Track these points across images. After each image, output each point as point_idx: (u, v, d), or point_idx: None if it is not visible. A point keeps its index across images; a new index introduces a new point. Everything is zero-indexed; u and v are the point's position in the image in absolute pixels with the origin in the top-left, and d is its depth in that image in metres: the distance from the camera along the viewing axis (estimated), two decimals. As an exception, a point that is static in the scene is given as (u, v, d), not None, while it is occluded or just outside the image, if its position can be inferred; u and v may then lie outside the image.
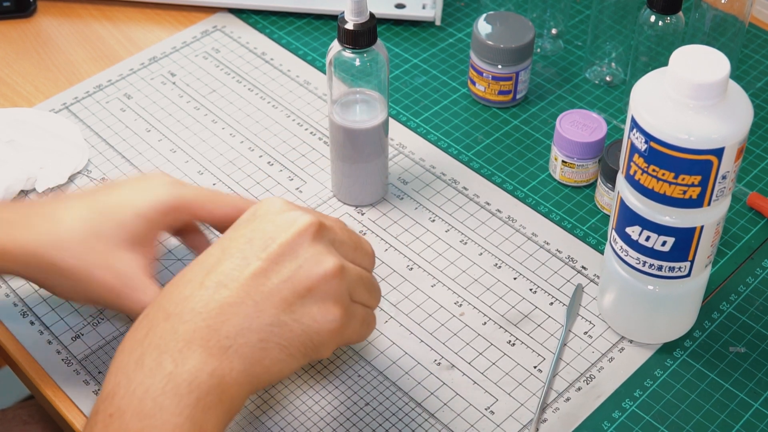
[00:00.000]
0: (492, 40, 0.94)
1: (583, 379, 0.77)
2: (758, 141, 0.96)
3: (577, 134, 0.88)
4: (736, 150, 0.66)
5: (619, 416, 0.75)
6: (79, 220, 0.69)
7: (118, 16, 1.09)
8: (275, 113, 0.98)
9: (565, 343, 0.80)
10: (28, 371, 0.78)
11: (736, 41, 0.94)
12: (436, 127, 0.97)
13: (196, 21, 1.08)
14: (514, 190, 0.91)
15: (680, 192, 0.67)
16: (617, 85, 1.01)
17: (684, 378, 0.77)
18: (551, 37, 1.05)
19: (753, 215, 0.89)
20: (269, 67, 1.03)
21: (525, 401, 0.76)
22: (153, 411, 0.57)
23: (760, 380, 0.77)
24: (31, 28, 1.08)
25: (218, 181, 0.92)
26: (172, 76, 1.02)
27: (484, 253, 0.86)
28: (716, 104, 0.65)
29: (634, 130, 0.68)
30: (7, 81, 1.02)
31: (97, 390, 0.76)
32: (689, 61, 0.65)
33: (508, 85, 0.96)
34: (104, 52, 1.05)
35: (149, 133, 0.96)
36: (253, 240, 0.63)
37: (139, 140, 0.95)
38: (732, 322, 0.81)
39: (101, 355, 0.79)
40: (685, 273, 0.73)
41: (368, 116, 0.85)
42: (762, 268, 0.85)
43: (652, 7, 0.89)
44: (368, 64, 0.81)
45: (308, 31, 1.07)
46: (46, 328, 0.80)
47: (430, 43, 1.06)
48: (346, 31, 0.79)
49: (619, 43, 0.99)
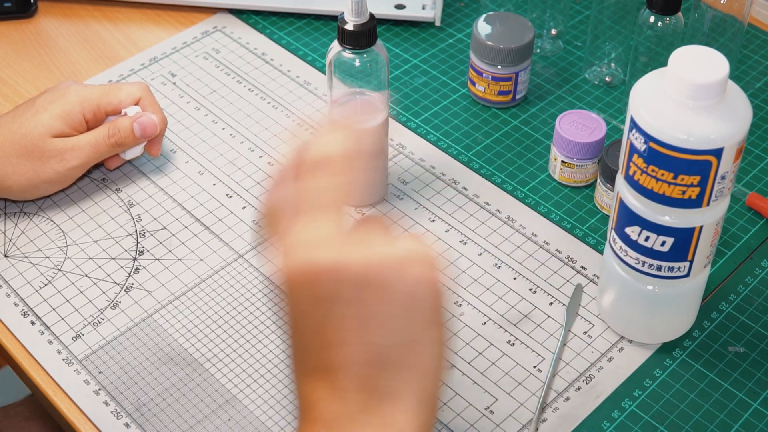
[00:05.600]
0: (492, 41, 0.94)
1: (583, 378, 0.77)
2: (757, 141, 0.96)
3: (576, 134, 0.88)
4: (735, 150, 0.66)
5: (618, 416, 0.75)
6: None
7: (118, 16, 1.09)
8: (275, 113, 0.98)
9: (565, 342, 0.80)
10: (29, 371, 0.78)
11: (735, 41, 0.94)
12: (435, 127, 0.97)
13: (196, 21, 1.09)
14: (514, 190, 0.91)
15: (679, 192, 0.68)
16: (617, 86, 1.01)
17: (683, 378, 0.77)
18: (551, 38, 1.05)
19: (752, 215, 0.89)
20: (269, 68, 1.03)
21: (525, 401, 0.76)
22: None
23: (759, 380, 0.77)
24: (31, 29, 1.08)
25: (218, 181, 0.92)
26: (172, 77, 1.02)
27: (484, 253, 0.86)
28: (715, 104, 0.65)
29: (633, 130, 0.68)
30: (8, 81, 1.02)
31: (97, 390, 0.76)
32: (688, 61, 0.65)
33: (507, 85, 0.96)
34: (105, 52, 1.05)
35: (149, 133, 0.96)
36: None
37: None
38: (731, 322, 0.81)
39: (101, 355, 0.79)
40: (684, 273, 0.73)
41: (368, 116, 0.85)
42: (761, 268, 0.85)
43: (652, 7, 0.89)
44: (368, 65, 0.81)
45: (308, 32, 1.08)
46: (47, 328, 0.80)
47: (429, 43, 1.06)
48: (346, 31, 0.79)
49: (618, 44, 0.99)
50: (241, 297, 0.83)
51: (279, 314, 0.62)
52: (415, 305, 0.55)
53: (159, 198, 0.90)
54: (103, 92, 0.88)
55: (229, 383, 0.77)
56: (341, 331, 0.54)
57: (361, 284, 0.54)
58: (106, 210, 0.89)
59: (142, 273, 0.84)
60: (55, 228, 0.88)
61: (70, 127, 0.86)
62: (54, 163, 0.85)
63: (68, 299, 0.82)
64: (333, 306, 0.54)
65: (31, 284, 0.83)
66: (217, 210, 0.89)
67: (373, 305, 0.54)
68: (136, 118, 0.88)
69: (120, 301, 0.82)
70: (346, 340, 0.54)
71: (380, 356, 0.55)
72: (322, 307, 0.54)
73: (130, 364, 0.78)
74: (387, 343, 0.55)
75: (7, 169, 0.84)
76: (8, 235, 0.87)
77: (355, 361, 0.54)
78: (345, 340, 0.54)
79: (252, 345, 0.79)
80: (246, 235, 0.87)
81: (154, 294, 0.83)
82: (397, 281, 0.54)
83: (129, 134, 0.87)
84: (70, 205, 0.89)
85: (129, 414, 0.75)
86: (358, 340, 0.54)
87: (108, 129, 0.87)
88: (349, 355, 0.54)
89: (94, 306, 0.82)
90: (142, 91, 0.89)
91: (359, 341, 0.54)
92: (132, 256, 0.86)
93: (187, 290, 0.83)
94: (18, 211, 0.89)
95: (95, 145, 0.87)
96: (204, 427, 0.74)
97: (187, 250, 0.86)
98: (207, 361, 0.78)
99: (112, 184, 0.91)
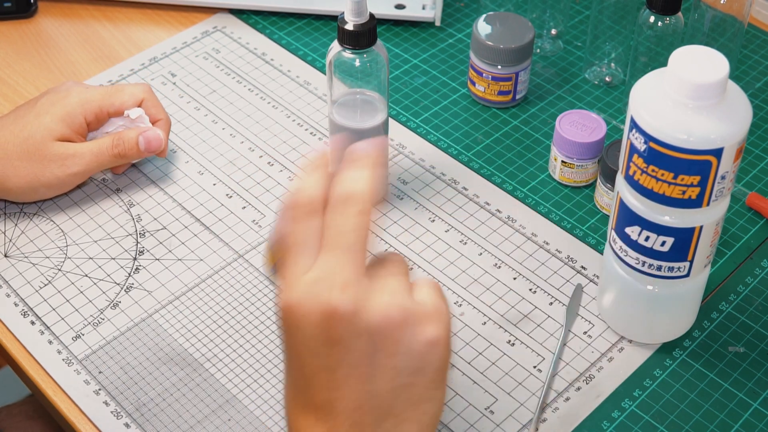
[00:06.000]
0: (492, 41, 0.94)
1: (583, 378, 0.77)
2: (757, 141, 0.96)
3: (576, 134, 0.88)
4: (735, 150, 0.66)
5: (618, 416, 0.75)
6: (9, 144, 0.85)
7: (118, 16, 1.09)
8: (275, 113, 0.98)
9: (565, 343, 0.80)
10: (29, 371, 0.78)
11: (735, 41, 0.94)
12: (436, 127, 0.97)
13: (196, 21, 1.09)
14: (514, 190, 0.91)
15: (679, 192, 0.68)
16: (617, 86, 1.01)
17: (683, 378, 0.77)
18: (551, 38, 1.05)
19: (752, 215, 0.89)
20: (269, 68, 1.03)
21: (525, 401, 0.76)
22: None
23: (759, 380, 0.77)
24: (31, 29, 1.08)
25: (218, 181, 0.92)
26: (172, 77, 1.02)
27: (484, 253, 0.86)
28: (715, 104, 0.65)
29: (633, 130, 0.68)
30: (8, 81, 1.02)
31: (97, 390, 0.76)
32: (688, 61, 0.65)
33: (507, 85, 0.96)
34: (105, 52, 1.05)
35: (149, 133, 0.96)
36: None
37: (140, 140, 0.95)
38: (731, 321, 0.81)
39: (101, 355, 0.79)
40: (684, 273, 0.73)
41: (368, 116, 0.85)
42: (761, 268, 0.85)
43: (652, 7, 0.89)
44: (368, 65, 0.81)
45: (308, 32, 1.08)
46: (47, 328, 0.80)
47: (429, 43, 1.06)
48: (346, 31, 0.79)
49: (618, 44, 0.99)
50: (241, 297, 0.83)
51: (280, 340, 0.61)
52: (425, 366, 0.55)
53: (159, 198, 0.90)
54: (105, 94, 0.88)
55: (229, 383, 0.77)
56: (348, 377, 0.54)
57: (375, 335, 0.54)
58: (106, 210, 0.89)
59: (142, 273, 0.84)
60: (55, 228, 0.88)
61: (72, 129, 0.86)
62: (54, 167, 0.85)
63: (68, 299, 0.82)
64: (345, 352, 0.54)
65: (31, 284, 0.83)
66: (217, 210, 0.89)
67: (385, 358, 0.54)
68: (142, 131, 0.87)
69: (120, 301, 0.82)
70: (352, 386, 0.54)
71: (382, 407, 0.55)
72: (334, 351, 0.54)
73: (130, 364, 0.78)
74: (391, 396, 0.55)
75: (8, 170, 0.84)
76: (8, 235, 0.87)
77: (357, 408, 0.54)
78: (350, 386, 0.54)
79: (252, 345, 0.79)
80: (246, 235, 0.87)
81: (154, 294, 0.83)
82: (412, 340, 0.55)
83: (133, 147, 0.87)
84: (70, 205, 0.89)
85: (129, 414, 0.75)
86: (364, 388, 0.54)
87: (112, 139, 0.87)
88: (352, 401, 0.54)
89: (94, 306, 0.82)
90: (145, 92, 0.89)
91: (364, 390, 0.54)
92: (132, 256, 0.86)
93: (187, 290, 0.83)
94: (18, 211, 0.89)
95: (97, 154, 0.86)
96: (204, 427, 0.74)
97: (187, 250, 0.86)
98: (207, 361, 0.78)
99: (112, 184, 0.91)
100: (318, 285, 0.54)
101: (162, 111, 0.89)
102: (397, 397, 0.55)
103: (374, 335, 0.54)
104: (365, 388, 0.54)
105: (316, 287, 0.54)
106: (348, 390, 0.54)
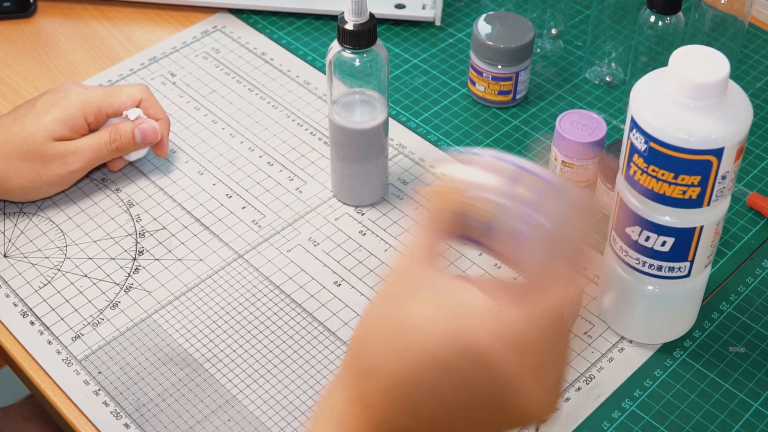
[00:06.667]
0: (492, 41, 0.94)
1: (583, 379, 0.77)
2: (758, 141, 0.96)
3: (576, 134, 0.88)
4: (736, 150, 0.66)
5: (618, 416, 0.75)
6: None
7: (118, 16, 1.09)
8: (275, 113, 0.98)
9: (565, 343, 0.79)
10: (28, 371, 0.78)
11: (735, 41, 0.94)
12: (436, 127, 0.97)
13: (196, 21, 1.08)
14: (514, 190, 0.91)
15: (680, 192, 0.68)
16: (617, 86, 1.01)
17: (684, 378, 0.77)
18: (551, 37, 1.05)
19: (753, 215, 0.89)
20: (269, 67, 1.03)
21: (525, 401, 0.76)
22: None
23: (760, 380, 0.77)
24: (31, 29, 1.08)
25: (218, 181, 0.92)
26: (172, 77, 1.02)
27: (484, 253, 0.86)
28: (716, 104, 0.65)
29: (633, 130, 0.68)
30: (7, 81, 1.02)
31: (97, 390, 0.76)
32: (689, 61, 0.65)
33: (507, 85, 0.96)
34: (104, 52, 1.05)
35: (149, 133, 0.96)
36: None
37: (139, 140, 0.95)
38: (732, 322, 0.81)
39: (101, 355, 0.79)
40: (684, 273, 0.73)
41: (368, 116, 0.85)
42: (762, 268, 0.85)
43: (652, 7, 0.89)
44: (368, 65, 0.81)
45: (308, 31, 1.07)
46: (46, 328, 0.80)
47: (430, 43, 1.06)
48: (346, 31, 0.79)
49: (619, 43, 0.99)
50: (240, 297, 0.83)
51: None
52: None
53: (159, 198, 0.90)
54: (104, 94, 0.88)
55: (229, 383, 0.77)
56: (439, 417, 0.50)
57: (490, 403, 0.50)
58: (106, 210, 0.89)
59: (142, 273, 0.84)
60: (55, 228, 0.88)
61: (71, 130, 0.86)
62: (55, 166, 0.85)
63: (68, 299, 0.82)
64: (465, 400, 0.50)
65: (31, 284, 0.83)
66: (216, 210, 0.89)
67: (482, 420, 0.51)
68: (137, 123, 0.88)
69: (119, 302, 0.82)
70: (433, 426, 0.50)
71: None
72: (459, 391, 0.49)
73: (130, 365, 0.78)
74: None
75: (8, 171, 0.84)
76: (8, 235, 0.87)
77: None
78: (432, 426, 0.50)
79: (252, 345, 0.79)
80: (246, 235, 0.87)
81: (153, 294, 0.83)
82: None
83: (129, 140, 0.87)
84: (69, 205, 0.89)
85: (129, 414, 0.75)
86: (438, 428, 0.51)
87: (110, 134, 0.87)
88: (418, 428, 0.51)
89: (93, 306, 0.82)
90: (143, 92, 0.89)
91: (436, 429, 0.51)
92: (131, 256, 0.85)
93: (186, 290, 0.83)
94: (17, 211, 0.89)
95: (96, 149, 0.87)
96: (204, 427, 0.74)
97: (186, 250, 0.86)
98: (207, 361, 0.78)
99: (112, 184, 0.91)
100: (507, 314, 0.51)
101: (161, 111, 0.90)
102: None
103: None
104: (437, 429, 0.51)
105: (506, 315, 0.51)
106: (423, 423, 0.51)
